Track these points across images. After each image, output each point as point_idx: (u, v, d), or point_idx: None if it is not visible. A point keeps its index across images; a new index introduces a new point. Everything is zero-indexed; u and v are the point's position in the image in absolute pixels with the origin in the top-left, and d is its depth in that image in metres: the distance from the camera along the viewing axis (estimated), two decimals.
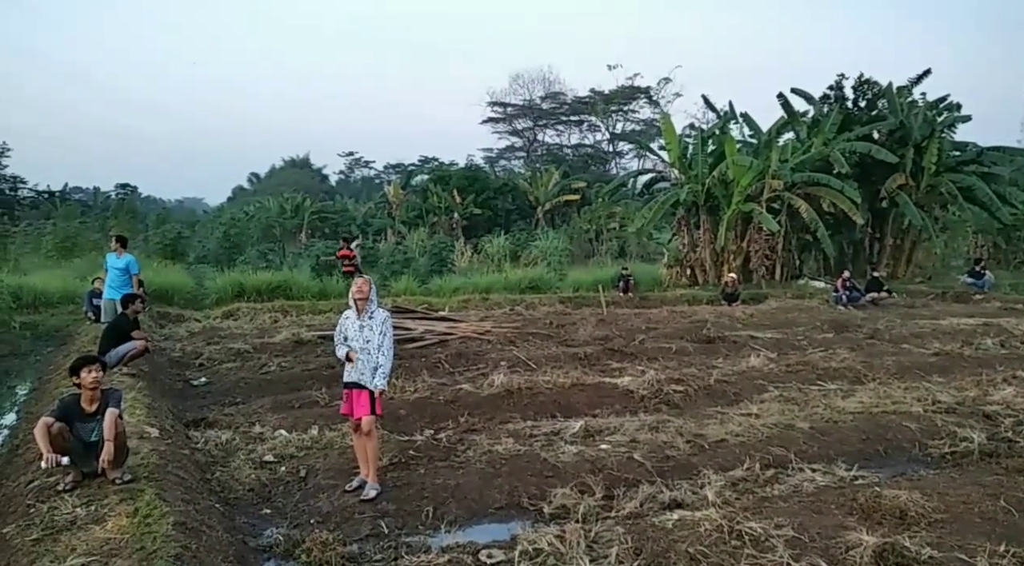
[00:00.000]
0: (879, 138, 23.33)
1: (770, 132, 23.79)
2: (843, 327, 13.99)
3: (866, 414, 7.76)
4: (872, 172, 22.70)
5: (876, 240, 24.17)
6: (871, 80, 24.71)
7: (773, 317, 15.86)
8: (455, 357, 11.00)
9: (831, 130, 22.78)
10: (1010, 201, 23.99)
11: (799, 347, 11.97)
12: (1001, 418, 7.53)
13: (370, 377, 5.79)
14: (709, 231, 22.90)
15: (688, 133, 26.03)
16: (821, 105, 24.62)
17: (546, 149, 64.26)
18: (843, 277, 18.49)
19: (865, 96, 24.82)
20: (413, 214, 40.71)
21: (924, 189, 22.89)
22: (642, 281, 22.06)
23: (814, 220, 21.34)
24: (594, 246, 32.90)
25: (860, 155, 22.15)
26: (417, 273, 21.99)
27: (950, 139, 24.17)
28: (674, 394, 8.87)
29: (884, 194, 22.49)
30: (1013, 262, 27.20)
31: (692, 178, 23.12)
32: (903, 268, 23.90)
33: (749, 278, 22.11)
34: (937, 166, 22.58)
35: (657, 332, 13.58)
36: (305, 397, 8.88)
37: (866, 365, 10.29)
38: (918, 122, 22.98)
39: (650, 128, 55.71)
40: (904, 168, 22.40)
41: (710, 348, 12.07)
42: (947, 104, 24.52)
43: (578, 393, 8.89)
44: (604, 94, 58.83)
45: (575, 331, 13.68)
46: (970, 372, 9.85)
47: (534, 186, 41.94)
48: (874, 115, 24.22)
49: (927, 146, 22.56)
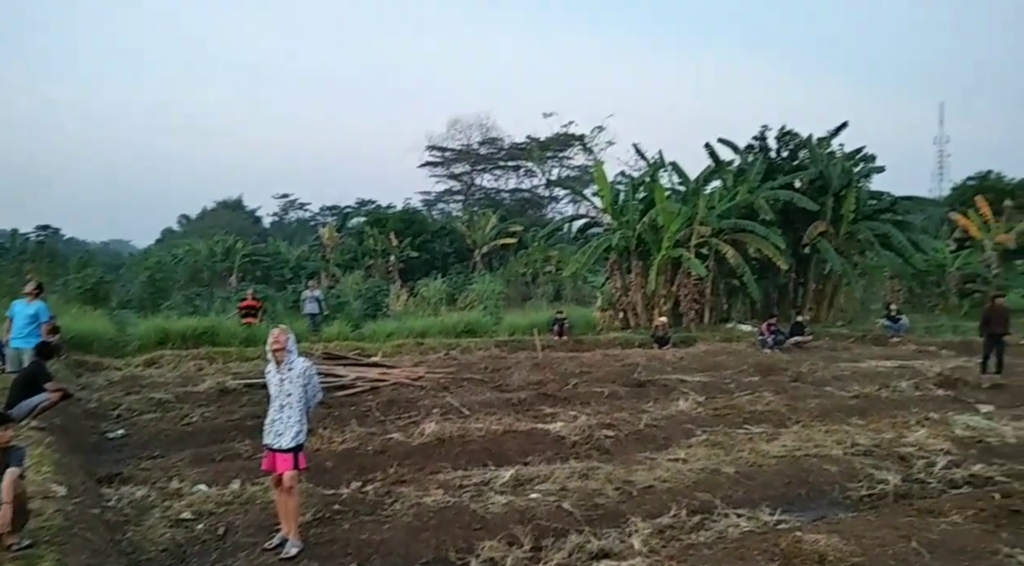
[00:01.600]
0: (801, 187, 24.38)
1: (698, 180, 24.62)
2: (769, 370, 14.38)
3: (789, 458, 7.95)
4: (795, 219, 23.65)
5: (800, 285, 25.07)
6: (792, 132, 25.92)
7: (702, 360, 16.18)
8: (386, 405, 10.84)
9: (756, 179, 23.71)
10: (922, 248, 25.34)
11: (727, 390, 12.22)
12: (914, 459, 7.82)
13: (290, 437, 5.62)
14: (640, 275, 23.38)
15: (620, 180, 26.71)
16: (746, 155, 25.63)
17: (484, 193, 64.86)
18: (768, 321, 19.09)
19: (787, 147, 25.97)
20: (348, 257, 40.31)
21: (843, 236, 23.93)
22: (577, 324, 22.26)
23: (740, 265, 22.05)
24: (531, 289, 33.14)
25: (783, 203, 23.11)
26: (350, 317, 21.68)
27: (866, 189, 25.52)
28: (605, 440, 8.92)
29: (806, 240, 23.41)
30: (927, 306, 28.56)
31: (624, 224, 23.66)
32: (825, 312, 24.81)
33: (679, 321, 22.58)
34: (855, 214, 23.69)
35: (590, 376, 13.69)
36: (228, 449, 8.57)
37: (790, 408, 10.58)
38: (837, 172, 24.14)
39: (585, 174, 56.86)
40: (825, 216, 23.42)
41: (641, 392, 12.22)
42: (863, 155, 25.87)
43: (510, 440, 8.85)
44: (540, 141, 59.99)
45: (510, 376, 13.67)
46: (887, 414, 10.21)
47: (472, 229, 42.15)
48: (796, 165, 25.35)
49: (845, 195, 23.69)
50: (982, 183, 38.34)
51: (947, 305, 28.42)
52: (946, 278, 29.22)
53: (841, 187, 23.83)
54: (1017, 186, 37.17)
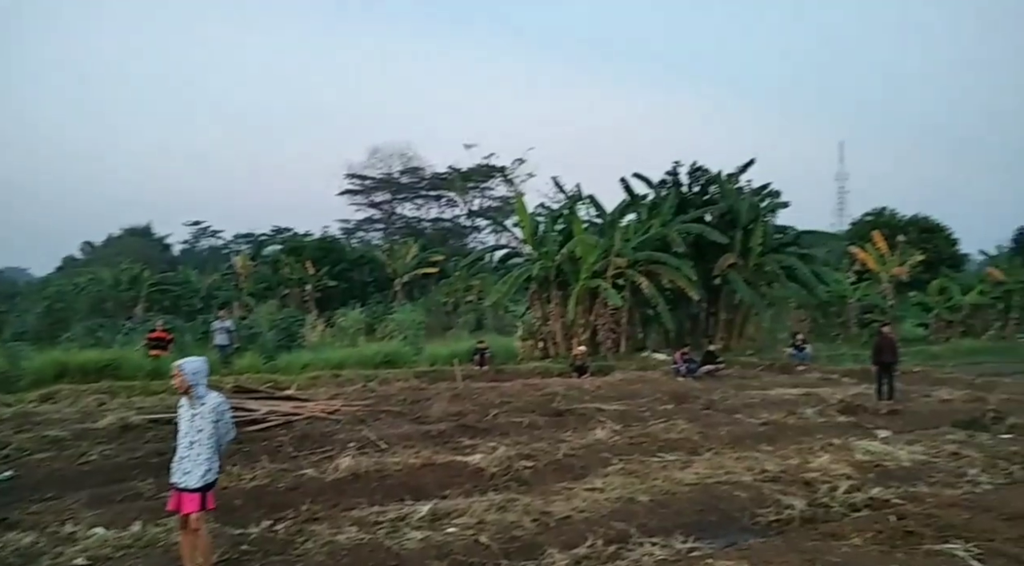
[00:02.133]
0: (711, 221, 25.38)
1: (614, 213, 25.32)
2: (682, 398, 14.75)
3: (702, 485, 8.14)
4: (706, 252, 24.55)
5: (711, 315, 25.95)
6: (703, 168, 27.05)
7: (619, 389, 16.45)
8: (300, 439, 10.53)
9: (669, 212, 24.55)
10: (824, 280, 26.72)
11: (642, 418, 12.45)
12: (818, 484, 8.13)
13: (198, 475, 5.39)
14: (560, 305, 23.71)
15: (540, 212, 27.17)
16: (659, 189, 26.54)
17: (405, 222, 64.63)
18: (682, 350, 19.64)
19: (698, 182, 27.06)
20: (262, 286, 39.26)
21: (752, 268, 24.97)
22: (498, 354, 22.30)
23: (655, 296, 22.68)
24: (452, 319, 33.06)
25: (695, 236, 23.99)
26: (264, 349, 21.05)
27: (772, 223, 26.78)
28: (524, 470, 8.92)
29: (717, 272, 24.32)
30: (829, 335, 30.02)
31: (544, 254, 24.01)
32: (736, 341, 25.73)
33: (597, 350, 22.95)
34: (762, 247, 24.80)
35: (511, 406, 13.69)
36: (129, 489, 8.13)
37: (702, 435, 10.86)
38: (745, 207, 25.26)
39: (506, 205, 57.56)
40: (734, 249, 24.41)
41: (560, 421, 12.31)
42: (769, 191, 27.20)
43: (428, 473, 8.74)
44: (462, 171, 60.43)
45: (429, 407, 13.53)
46: (793, 440, 10.61)
47: (392, 258, 41.85)
48: (706, 200, 26.40)
49: (753, 229, 24.78)
50: (878, 219, 40.84)
51: (848, 334, 29.95)
52: (847, 309, 30.86)
53: (749, 221, 24.91)
54: (909, 222, 39.76)
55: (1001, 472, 8.78)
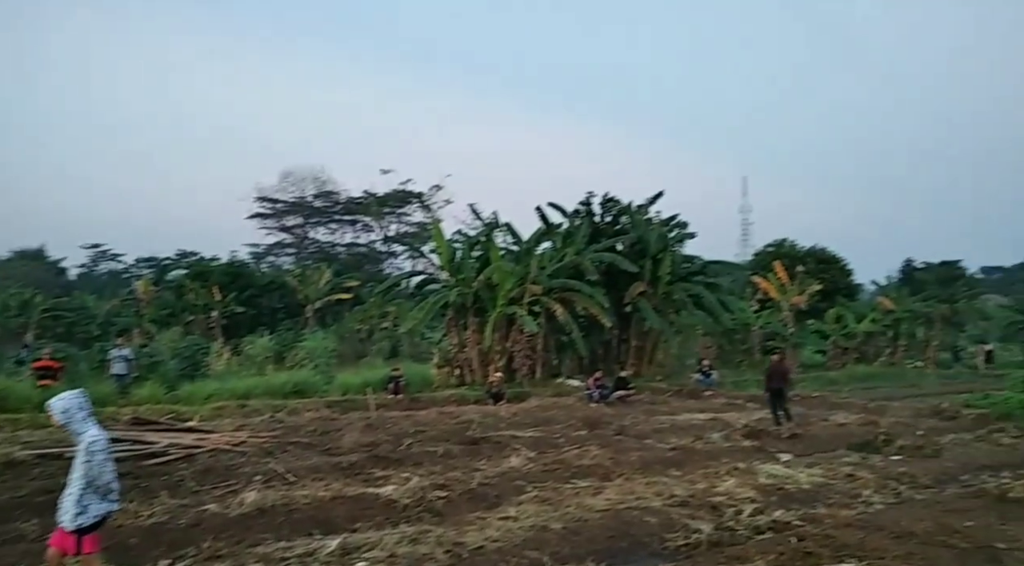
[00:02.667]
0: (622, 250, 26.06)
1: (530, 241, 25.64)
2: (595, 424, 14.96)
3: (613, 511, 8.25)
4: (617, 280, 25.14)
5: (623, 341, 26.49)
6: (615, 198, 27.79)
7: (534, 415, 16.55)
8: (202, 473, 10.07)
9: (582, 241, 25.06)
10: (729, 308, 27.76)
11: (556, 445, 12.54)
12: (725, 508, 8.38)
13: (70, 517, 5.01)
14: (476, 332, 23.72)
15: (457, 238, 27.21)
16: (573, 218, 27.06)
17: (318, 247, 63.38)
18: (595, 376, 19.96)
19: (610, 212, 27.76)
20: (165, 312, 37.58)
21: (661, 296, 25.71)
22: (413, 382, 22.05)
23: (569, 322, 23.02)
24: (366, 346, 32.52)
25: (607, 264, 24.57)
26: (165, 378, 20.10)
27: (680, 253, 27.71)
28: (437, 501, 8.81)
29: (628, 300, 24.92)
30: (734, 361, 31.14)
31: (461, 281, 24.02)
32: (646, 367, 26.32)
33: (513, 377, 23.03)
34: (671, 276, 25.60)
35: (425, 435, 13.56)
36: (11, 531, 7.55)
37: (614, 461, 11.02)
38: (654, 237, 26.06)
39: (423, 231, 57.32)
40: (644, 277, 25.09)
41: (475, 450, 12.25)
42: (677, 222, 28.15)
43: (339, 506, 8.51)
44: (378, 196, 59.89)
45: (340, 438, 13.22)
46: (700, 465, 10.91)
47: (304, 284, 40.84)
48: (618, 229, 27.11)
49: (662, 258, 25.57)
50: (779, 250, 42.80)
51: (752, 360, 31.14)
52: (750, 336, 32.13)
53: (658, 251, 25.70)
54: (807, 253, 41.82)
55: (891, 492, 9.29)
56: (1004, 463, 10.99)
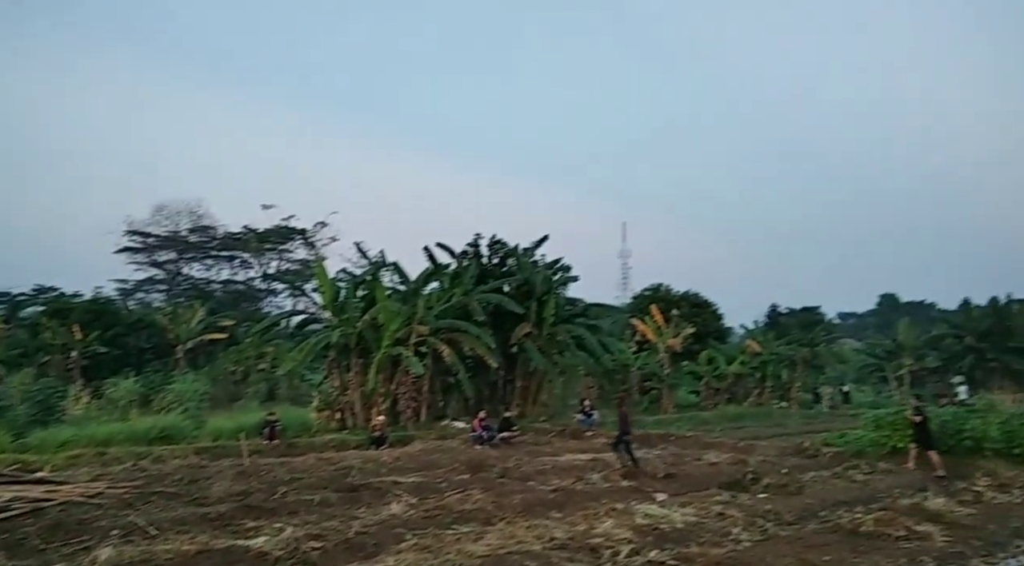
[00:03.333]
0: (509, 291, 26.39)
1: (418, 281, 25.55)
2: (479, 467, 14.87)
3: (494, 557, 8.19)
4: (504, 321, 25.39)
5: (508, 382, 26.67)
6: (502, 241, 28.21)
7: (417, 459, 16.27)
8: (50, 529, 9.22)
9: (470, 282, 25.22)
10: (610, 349, 28.59)
11: (439, 490, 12.36)
12: (603, 550, 8.51)
13: None
14: (360, 374, 23.19)
15: (342, 277, 26.70)
16: (461, 259, 27.21)
17: (191, 283, 60.32)
18: (479, 417, 19.92)
19: (498, 254, 28.12)
20: (17, 352, 34.53)
21: (545, 337, 26.13)
22: (291, 426, 21.25)
23: (456, 363, 22.97)
24: (240, 389, 31.08)
25: (494, 305, 24.80)
26: (13, 425, 18.39)
27: (564, 295, 28.35)
28: (312, 552, 8.46)
29: (514, 341, 25.17)
30: (614, 401, 31.92)
31: (344, 321, 23.50)
32: (530, 408, 26.56)
33: (397, 420, 22.63)
34: (555, 318, 26.12)
35: (301, 482, 13.03)
36: None
37: (496, 505, 10.98)
38: (540, 279, 26.58)
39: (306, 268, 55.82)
40: (529, 318, 25.48)
41: (354, 497, 11.88)
42: (561, 265, 28.85)
43: (204, 561, 8.02)
44: (258, 232, 57.98)
45: (209, 487, 12.49)
46: (581, 506, 11.04)
47: (175, 323, 38.67)
48: (504, 271, 27.48)
49: (547, 300, 26.09)
50: (656, 293, 44.55)
51: (631, 401, 32.03)
52: (630, 376, 33.12)
53: (543, 293, 26.22)
54: (682, 297, 43.75)
55: (758, 529, 9.73)
56: (857, 498, 11.79)
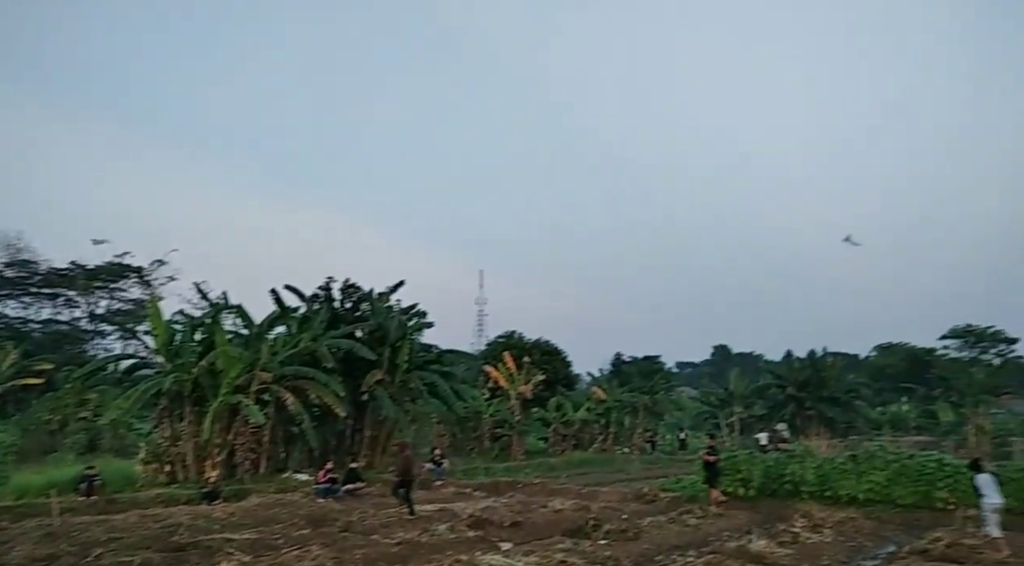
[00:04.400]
0: (362, 337, 25.86)
1: (262, 325, 24.42)
2: (321, 521, 14.26)
3: None
4: (355, 368, 24.79)
5: (357, 432, 25.92)
6: (356, 285, 27.68)
7: (254, 515, 15.38)
8: None
9: (320, 327, 24.47)
10: (463, 396, 28.61)
11: (275, 547, 11.71)
12: None
13: None
14: (194, 423, 21.72)
15: (179, 319, 25.06)
16: (312, 303, 26.40)
17: (5, 323, 54.26)
18: (325, 469, 19.18)
19: (351, 298, 27.54)
20: None
21: (398, 384, 25.75)
22: (112, 480, 19.53)
23: (301, 412, 22.06)
24: (56, 440, 28.14)
25: (344, 352, 24.16)
26: None
27: (419, 341, 28.15)
28: None
29: (365, 388, 24.59)
30: (465, 450, 31.89)
31: (179, 366, 22.02)
32: (379, 458, 25.91)
33: (234, 473, 21.33)
34: (408, 364, 25.83)
35: (120, 542, 11.93)
36: None
37: (337, 561, 10.54)
38: (394, 325, 26.26)
39: (140, 309, 51.92)
40: (382, 365, 25.04)
41: (180, 557, 11.01)
42: (416, 311, 28.65)
43: None
44: (87, 268, 53.44)
45: (8, 552, 11.16)
46: (425, 559, 10.81)
47: None
48: (357, 316, 26.95)
49: (400, 346, 25.78)
50: (509, 341, 45.25)
51: (482, 448, 32.10)
52: (482, 423, 33.22)
53: (397, 339, 25.91)
54: (533, 345, 44.70)
55: None
56: (690, 542, 12.39)
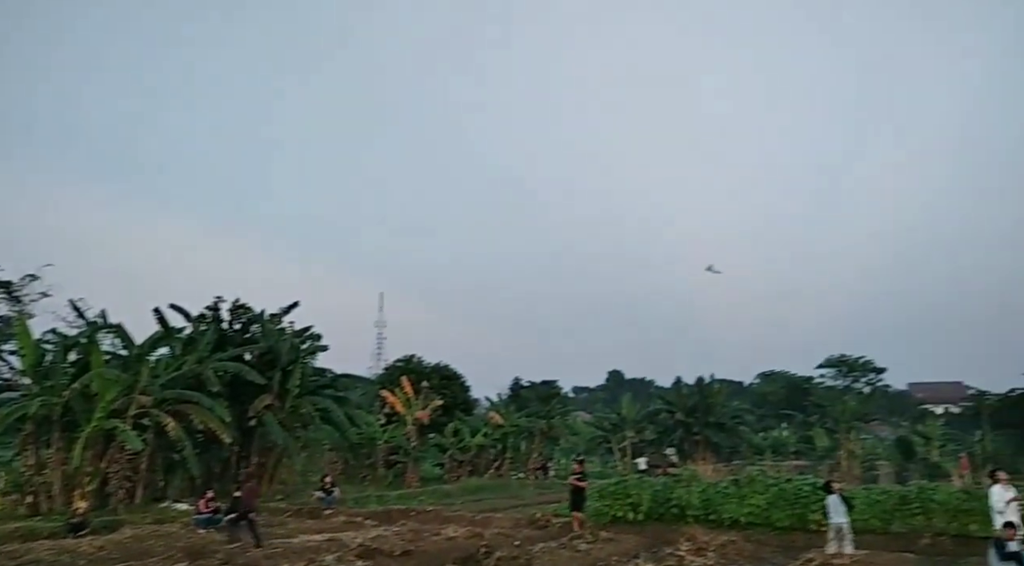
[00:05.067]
0: (251, 360, 24.93)
1: (143, 346, 23.12)
2: (199, 554, 13.53)
3: None
4: (243, 392, 23.86)
5: (243, 459, 24.86)
6: (247, 306, 26.70)
7: (126, 548, 14.42)
8: None
9: (206, 349, 23.44)
10: (357, 422, 28.02)
11: None
12: None
13: None
14: (62, 450, 20.23)
15: (50, 338, 23.38)
16: (198, 324, 25.27)
17: None
18: (206, 498, 18.27)
19: (240, 319, 26.54)
20: None
21: (288, 410, 24.96)
22: None
23: (182, 438, 20.98)
24: None
25: (232, 375, 23.20)
26: None
27: (312, 365, 27.42)
28: None
29: (252, 413, 23.68)
30: (358, 477, 31.15)
31: (48, 389, 20.52)
32: (266, 486, 24.91)
33: (106, 503, 19.99)
34: (299, 389, 25.11)
35: None
36: None
37: None
38: (286, 348, 25.50)
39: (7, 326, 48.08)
40: (272, 389, 24.22)
41: None
42: (311, 334, 27.93)
43: None
44: None
45: None
46: None
47: None
48: (248, 338, 25.98)
49: (292, 370, 25.04)
50: (408, 365, 44.72)
51: (376, 475, 31.45)
52: (376, 450, 32.57)
53: (289, 362, 25.16)
54: (432, 369, 44.37)
55: None
56: None
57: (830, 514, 13.66)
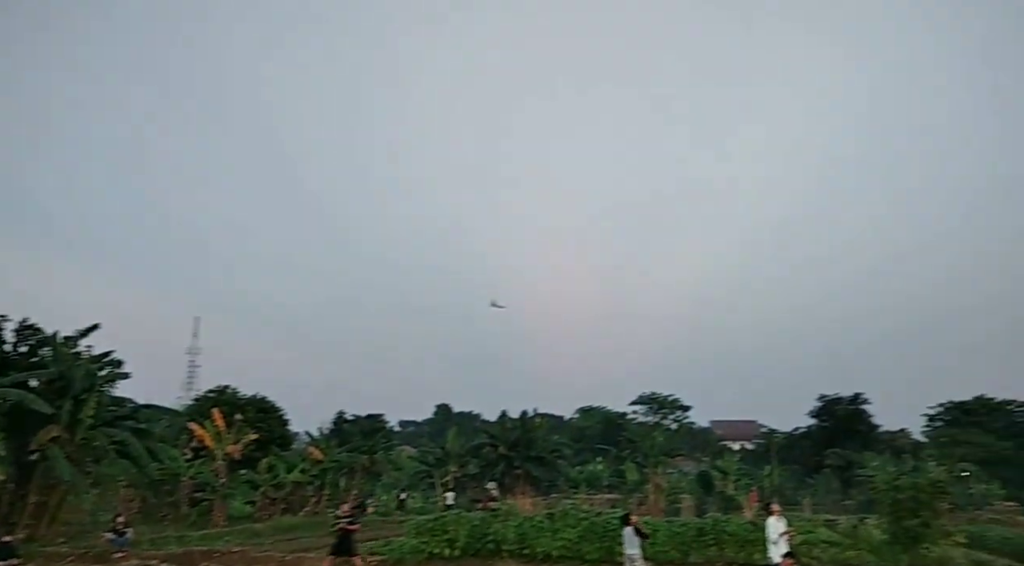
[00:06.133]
0: (38, 387, 22.41)
1: None
2: None
3: None
4: (25, 422, 21.36)
5: (20, 498, 22.12)
6: (35, 326, 24.07)
7: None
8: None
9: None
10: (158, 457, 25.82)
11: None
12: None
13: None
14: None
15: None
16: None
17: None
18: None
19: (27, 341, 23.85)
20: None
21: (79, 442, 22.60)
22: None
23: None
24: None
25: (13, 403, 20.73)
26: None
27: (109, 394, 25.06)
28: None
29: (35, 446, 21.23)
30: (159, 516, 28.70)
31: None
32: (46, 528, 22.27)
33: None
34: (94, 420, 22.84)
35: None
36: None
37: None
38: (80, 374, 23.17)
39: None
40: (61, 420, 21.88)
41: None
42: (111, 359, 25.54)
43: None
44: None
45: None
46: None
47: None
48: (34, 362, 23.38)
49: (87, 399, 22.76)
50: (221, 396, 42.16)
51: (178, 514, 29.13)
52: (179, 487, 30.23)
53: (83, 390, 22.92)
54: (248, 402, 42.13)
55: None
56: None
57: (625, 545, 14.48)
